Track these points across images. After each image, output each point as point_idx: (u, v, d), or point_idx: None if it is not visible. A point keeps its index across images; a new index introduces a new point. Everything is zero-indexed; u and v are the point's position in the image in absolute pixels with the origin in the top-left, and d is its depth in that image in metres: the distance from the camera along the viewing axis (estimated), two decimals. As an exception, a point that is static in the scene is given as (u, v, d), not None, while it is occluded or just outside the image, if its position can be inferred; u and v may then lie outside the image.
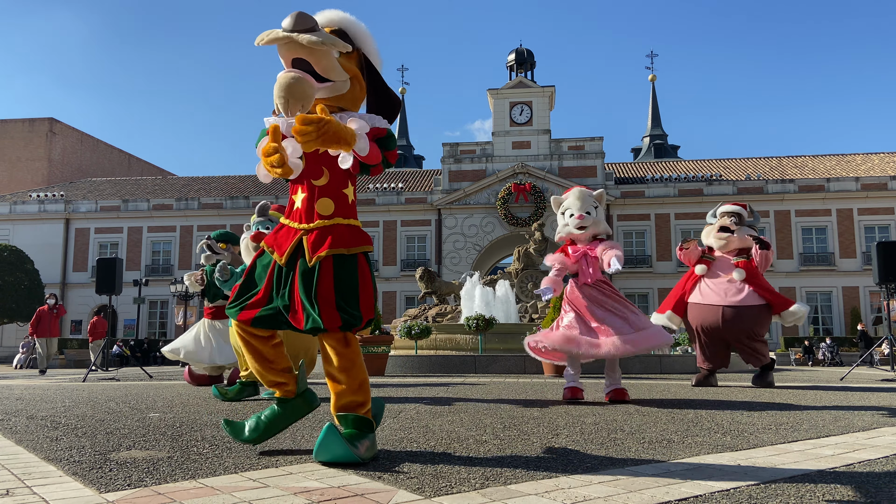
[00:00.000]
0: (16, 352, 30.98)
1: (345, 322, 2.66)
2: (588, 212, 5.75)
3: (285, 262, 2.76)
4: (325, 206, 2.78)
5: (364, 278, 2.76)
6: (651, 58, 62.12)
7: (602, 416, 4.42)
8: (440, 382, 8.76)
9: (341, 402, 2.73)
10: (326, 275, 2.69)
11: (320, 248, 2.70)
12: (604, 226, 5.83)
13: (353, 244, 2.76)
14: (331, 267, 2.71)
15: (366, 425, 2.73)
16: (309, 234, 2.75)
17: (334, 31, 2.76)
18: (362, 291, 2.74)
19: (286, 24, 2.59)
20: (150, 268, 39.98)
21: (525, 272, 18.66)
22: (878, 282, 10.80)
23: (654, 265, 37.33)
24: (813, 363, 27.77)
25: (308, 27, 2.58)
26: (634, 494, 2.13)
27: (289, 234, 2.81)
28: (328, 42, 2.59)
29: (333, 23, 2.81)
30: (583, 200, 5.79)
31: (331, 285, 2.68)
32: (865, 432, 3.62)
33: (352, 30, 2.83)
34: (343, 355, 2.73)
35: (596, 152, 38.52)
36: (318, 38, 2.56)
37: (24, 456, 2.94)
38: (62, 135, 52.96)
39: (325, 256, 2.70)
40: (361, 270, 2.76)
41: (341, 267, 2.72)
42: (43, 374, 15.47)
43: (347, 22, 2.84)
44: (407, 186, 41.73)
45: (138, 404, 5.50)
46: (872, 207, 36.48)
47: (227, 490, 2.20)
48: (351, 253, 2.74)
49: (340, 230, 2.75)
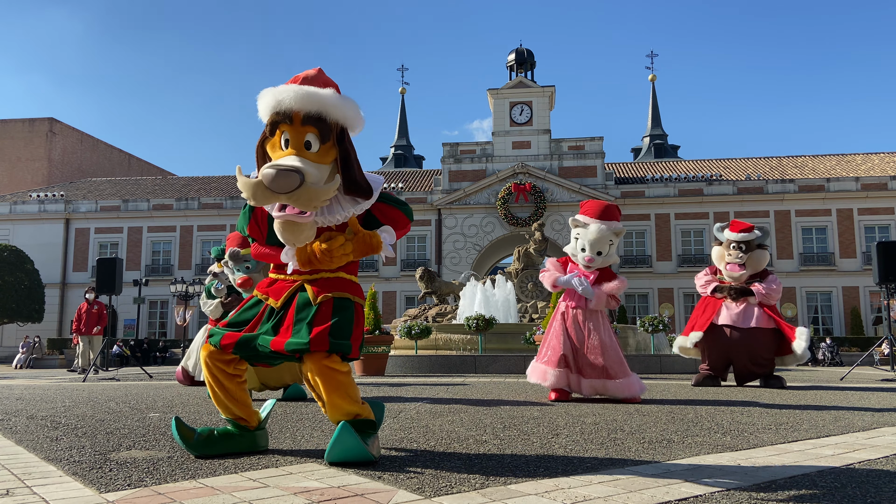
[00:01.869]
0: (16, 352, 30.97)
1: (332, 346, 2.64)
2: (600, 251, 5.71)
3: (280, 304, 2.79)
4: None
5: (359, 324, 2.80)
6: (651, 58, 61.84)
7: (602, 416, 4.42)
8: (440, 382, 8.76)
9: (336, 418, 2.68)
10: (325, 311, 2.72)
11: (326, 291, 2.75)
12: (612, 260, 5.84)
13: (357, 295, 2.83)
14: (331, 306, 2.73)
15: (369, 426, 2.71)
16: (312, 282, 2.79)
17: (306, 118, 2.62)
18: (356, 330, 2.76)
19: (271, 186, 2.48)
20: (150, 268, 39.96)
21: (525, 272, 18.66)
22: (878, 282, 10.79)
23: (654, 265, 37.31)
24: (813, 363, 27.76)
25: (293, 188, 2.49)
26: (634, 494, 2.13)
27: (286, 284, 2.84)
28: (318, 201, 2.56)
29: (305, 108, 2.63)
30: (600, 240, 5.70)
31: (328, 317, 2.70)
32: (865, 432, 3.62)
33: (326, 111, 2.67)
34: (330, 376, 2.65)
35: (596, 152, 38.51)
36: (307, 199, 2.52)
37: (24, 456, 2.94)
38: (62, 135, 52.96)
39: (329, 299, 2.73)
40: (357, 317, 2.80)
41: (340, 307, 2.74)
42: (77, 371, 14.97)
43: (321, 104, 2.66)
44: (407, 186, 41.72)
45: (138, 404, 5.50)
46: (872, 207, 36.47)
47: (227, 490, 2.20)
48: (355, 300, 2.80)
49: (344, 282, 2.81)
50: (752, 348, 7.54)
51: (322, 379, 2.66)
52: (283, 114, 2.64)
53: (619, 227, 5.78)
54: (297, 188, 2.49)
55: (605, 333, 5.76)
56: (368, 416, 2.73)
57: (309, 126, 2.64)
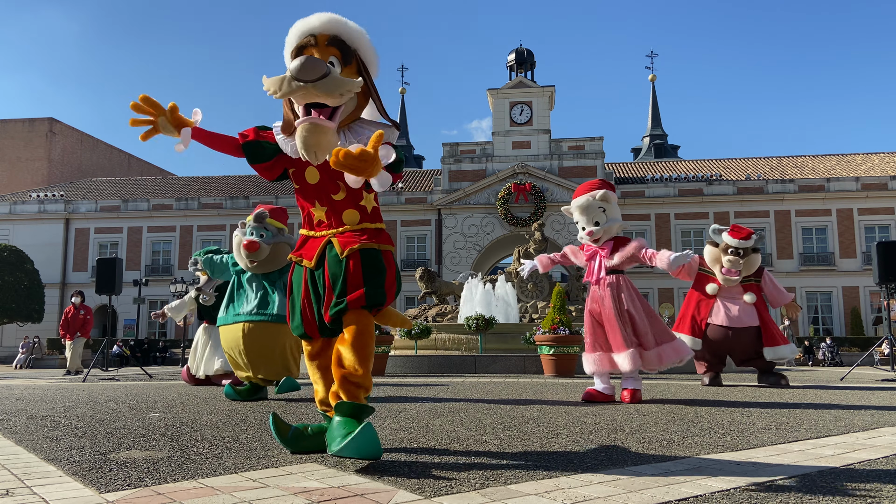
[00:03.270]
0: (16, 352, 30.98)
1: (369, 297, 2.70)
2: (597, 221, 5.67)
3: (315, 264, 2.85)
4: (351, 216, 2.85)
5: (390, 268, 2.82)
6: (651, 58, 62.07)
7: (602, 416, 4.42)
8: (440, 382, 8.76)
9: (346, 385, 2.64)
10: (355, 268, 2.74)
11: (352, 243, 2.77)
12: (617, 225, 5.76)
13: (383, 242, 2.84)
14: (359, 261, 2.75)
15: (365, 411, 2.66)
16: (339, 235, 2.83)
17: (332, 40, 2.76)
18: (388, 276, 2.79)
19: (298, 74, 2.52)
20: (150, 268, 39.97)
21: (525, 272, 18.63)
22: (878, 282, 10.80)
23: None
24: (813, 363, 27.75)
25: (321, 74, 2.52)
26: (634, 494, 2.13)
27: (315, 242, 2.90)
28: (343, 90, 2.59)
29: (330, 30, 2.78)
30: (588, 211, 5.67)
31: (359, 273, 2.73)
32: (865, 432, 3.62)
33: (350, 37, 2.81)
34: (359, 331, 2.69)
35: (596, 152, 38.51)
36: (334, 86, 2.55)
37: (24, 456, 2.94)
38: (62, 135, 52.95)
39: (355, 251, 2.75)
40: (388, 262, 2.83)
41: (369, 259, 2.77)
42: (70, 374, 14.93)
43: (345, 29, 2.81)
44: (407, 186, 41.71)
45: (138, 404, 5.50)
46: (872, 207, 36.47)
47: (227, 490, 2.20)
48: (381, 248, 2.81)
49: (370, 232, 2.84)
50: (746, 346, 7.69)
51: (351, 331, 2.69)
52: (309, 34, 2.77)
53: (603, 193, 5.65)
54: (324, 75, 2.53)
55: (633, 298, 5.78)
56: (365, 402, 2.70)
57: (332, 48, 2.76)
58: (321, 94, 2.55)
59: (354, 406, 2.64)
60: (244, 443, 3.25)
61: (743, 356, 7.86)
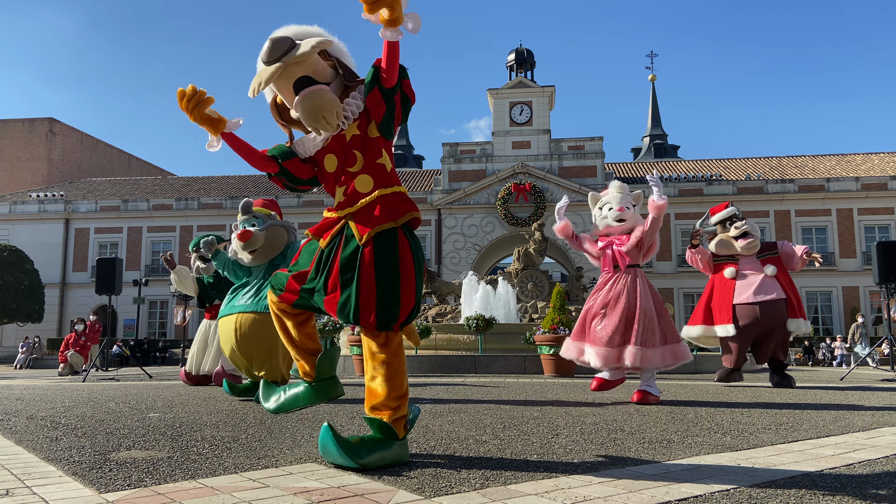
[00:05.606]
0: (16, 352, 30.96)
1: (380, 321, 2.61)
2: (628, 206, 5.96)
3: (327, 244, 2.76)
4: (364, 182, 2.73)
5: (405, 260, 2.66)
6: (651, 58, 62.16)
7: (602, 417, 4.42)
8: (440, 382, 8.76)
9: (371, 404, 2.63)
10: (369, 264, 2.62)
11: (368, 226, 2.65)
12: (639, 226, 6.01)
13: (399, 213, 2.69)
14: (372, 256, 2.62)
15: (390, 433, 2.60)
16: (354, 216, 2.71)
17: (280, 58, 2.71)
18: (403, 278, 2.64)
19: (270, 56, 2.61)
20: (149, 268, 39.94)
21: (525, 272, 18.64)
22: (878, 282, 10.80)
23: (654, 265, 37.28)
24: (813, 363, 27.74)
25: (288, 47, 2.60)
26: (634, 494, 2.13)
27: (333, 223, 2.80)
28: (315, 46, 2.63)
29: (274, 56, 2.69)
30: (623, 194, 6.02)
31: (371, 276, 2.61)
32: (865, 432, 3.62)
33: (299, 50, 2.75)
34: (378, 356, 2.65)
35: (596, 152, 38.50)
36: (306, 47, 2.61)
37: (24, 456, 2.94)
38: (62, 135, 52.94)
39: (368, 240, 2.64)
40: (403, 252, 2.67)
41: (383, 249, 2.63)
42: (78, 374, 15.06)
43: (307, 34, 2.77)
44: (406, 186, 41.70)
45: (138, 404, 5.49)
46: (872, 207, 36.46)
47: (227, 490, 2.20)
48: (398, 224, 2.68)
49: (383, 201, 2.69)
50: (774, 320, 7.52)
51: (370, 355, 2.67)
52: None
53: (636, 192, 6.14)
54: (289, 48, 2.60)
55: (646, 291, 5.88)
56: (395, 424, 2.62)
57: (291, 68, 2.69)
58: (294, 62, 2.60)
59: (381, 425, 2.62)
60: (244, 443, 3.25)
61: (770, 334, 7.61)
